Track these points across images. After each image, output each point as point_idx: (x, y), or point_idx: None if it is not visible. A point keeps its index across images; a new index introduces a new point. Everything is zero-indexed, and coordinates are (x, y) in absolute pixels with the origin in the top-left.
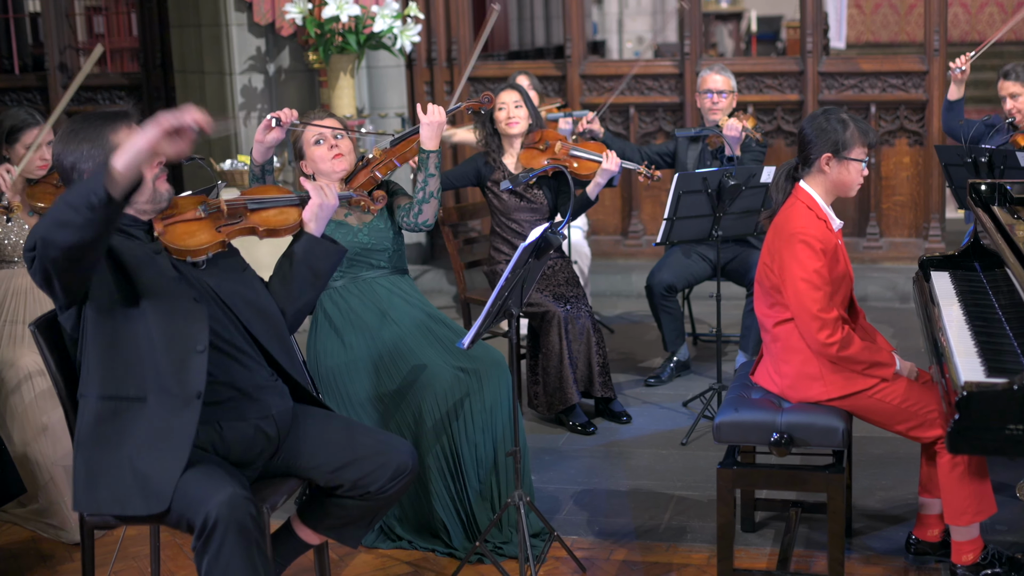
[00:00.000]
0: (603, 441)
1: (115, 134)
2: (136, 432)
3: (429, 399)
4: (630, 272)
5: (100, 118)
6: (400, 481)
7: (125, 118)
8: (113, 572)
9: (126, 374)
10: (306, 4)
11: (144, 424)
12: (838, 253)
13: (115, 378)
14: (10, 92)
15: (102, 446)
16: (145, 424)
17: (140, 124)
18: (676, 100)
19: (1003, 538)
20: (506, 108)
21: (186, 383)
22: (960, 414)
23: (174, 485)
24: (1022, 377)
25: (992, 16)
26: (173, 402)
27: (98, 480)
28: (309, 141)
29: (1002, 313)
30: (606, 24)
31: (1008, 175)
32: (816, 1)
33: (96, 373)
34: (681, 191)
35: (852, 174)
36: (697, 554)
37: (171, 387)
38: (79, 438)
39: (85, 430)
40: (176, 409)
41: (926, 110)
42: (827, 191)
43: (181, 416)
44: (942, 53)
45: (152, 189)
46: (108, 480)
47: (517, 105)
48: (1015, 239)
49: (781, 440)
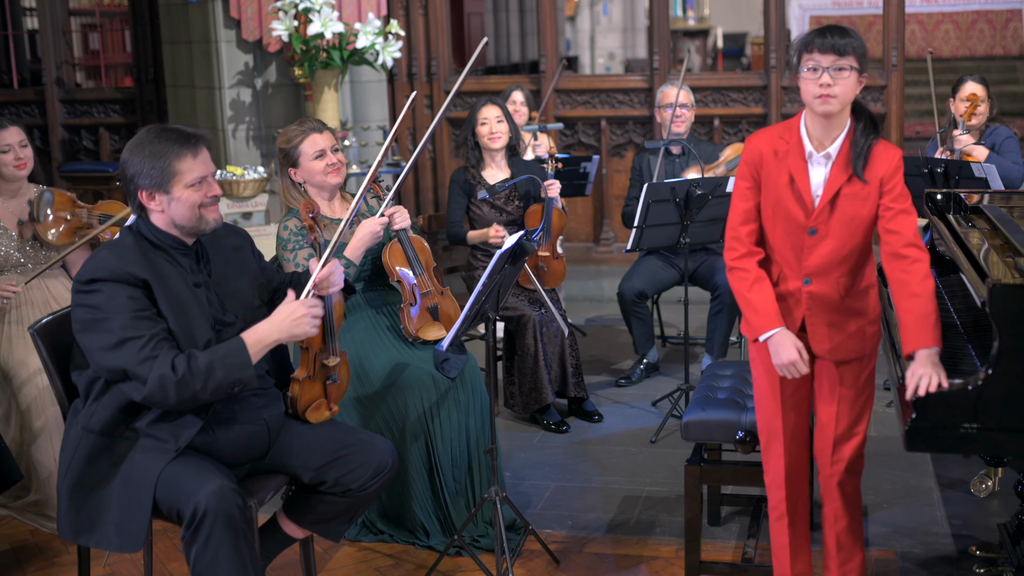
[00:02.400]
0: (576, 439)
1: (180, 161)
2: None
3: (407, 400)
4: (602, 278)
5: (173, 137)
6: (380, 478)
7: (194, 144)
8: (108, 564)
9: (135, 418)
10: (292, 21)
11: (127, 464)
12: (783, 177)
13: (121, 420)
14: (9, 105)
15: (87, 485)
16: (128, 463)
17: (201, 148)
18: (646, 113)
19: (958, 532)
20: (488, 123)
21: (179, 437)
22: (917, 413)
23: (146, 527)
24: (976, 378)
25: (947, 33)
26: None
27: (79, 514)
28: (308, 153)
29: (957, 317)
30: (579, 40)
31: (962, 185)
32: (779, 19)
33: (107, 411)
34: (650, 200)
35: (805, 85)
36: (665, 547)
37: (163, 434)
38: (70, 469)
39: (77, 464)
40: (158, 455)
41: (885, 122)
42: (809, 114)
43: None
44: (900, 68)
45: (197, 216)
46: (88, 514)
47: (499, 120)
48: (969, 246)
49: (746, 438)
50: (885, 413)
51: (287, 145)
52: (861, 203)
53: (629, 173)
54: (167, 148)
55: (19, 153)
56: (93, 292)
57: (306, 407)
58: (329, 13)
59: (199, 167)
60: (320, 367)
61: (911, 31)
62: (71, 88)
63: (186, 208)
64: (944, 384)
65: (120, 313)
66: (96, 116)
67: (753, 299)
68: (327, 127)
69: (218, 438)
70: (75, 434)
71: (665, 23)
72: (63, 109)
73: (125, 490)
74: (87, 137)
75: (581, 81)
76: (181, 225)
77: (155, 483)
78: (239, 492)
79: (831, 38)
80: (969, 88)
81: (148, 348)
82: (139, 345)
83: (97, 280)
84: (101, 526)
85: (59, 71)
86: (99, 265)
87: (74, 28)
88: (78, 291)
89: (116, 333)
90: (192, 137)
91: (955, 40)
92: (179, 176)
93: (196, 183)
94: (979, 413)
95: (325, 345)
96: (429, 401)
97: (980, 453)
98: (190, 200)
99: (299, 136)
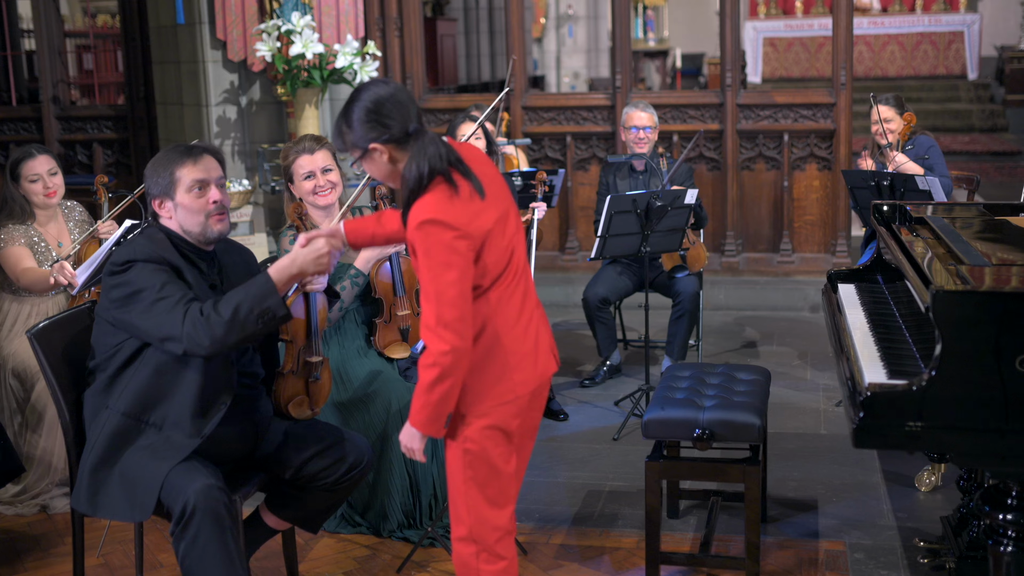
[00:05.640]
0: (543, 437)
1: (181, 168)
2: (136, 448)
3: (382, 403)
4: (567, 284)
5: (180, 149)
6: (357, 473)
7: (196, 153)
8: (101, 555)
9: (157, 403)
10: (275, 43)
11: (146, 443)
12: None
13: (145, 403)
14: (8, 122)
15: (109, 460)
16: (147, 443)
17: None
18: (608, 129)
19: (903, 524)
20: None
21: (200, 426)
22: (864, 412)
23: (156, 497)
24: (920, 379)
25: (893, 53)
26: (181, 436)
27: (99, 490)
28: (299, 174)
29: (902, 321)
30: (545, 61)
31: (907, 197)
32: (734, 40)
33: (131, 392)
34: (613, 211)
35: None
36: (627, 539)
37: (186, 426)
38: (95, 447)
39: (102, 440)
40: (180, 441)
41: (834, 138)
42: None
43: (181, 446)
44: (848, 87)
45: (202, 223)
46: (106, 490)
47: (477, 137)
48: (913, 254)
49: (703, 435)
50: (834, 412)
51: (284, 163)
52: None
53: (594, 186)
54: (172, 158)
55: (48, 182)
56: (127, 271)
57: (288, 400)
58: (310, 35)
59: (198, 171)
60: (303, 364)
61: (859, 52)
62: (66, 105)
63: (191, 214)
64: None
65: (153, 283)
66: (90, 132)
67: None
68: (325, 144)
69: (211, 436)
70: (102, 416)
71: (627, 44)
72: (59, 125)
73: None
74: (82, 152)
75: (548, 99)
76: (188, 231)
77: (181, 459)
78: (225, 490)
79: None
80: (878, 112)
81: (180, 305)
82: (171, 303)
83: (132, 261)
84: (115, 499)
85: (55, 89)
86: (135, 249)
87: (69, 49)
88: (111, 272)
89: (150, 296)
90: (196, 148)
91: (900, 60)
92: (180, 182)
93: (195, 187)
94: (923, 412)
95: (308, 342)
96: (401, 402)
97: (924, 450)
98: (193, 206)
99: (293, 155)
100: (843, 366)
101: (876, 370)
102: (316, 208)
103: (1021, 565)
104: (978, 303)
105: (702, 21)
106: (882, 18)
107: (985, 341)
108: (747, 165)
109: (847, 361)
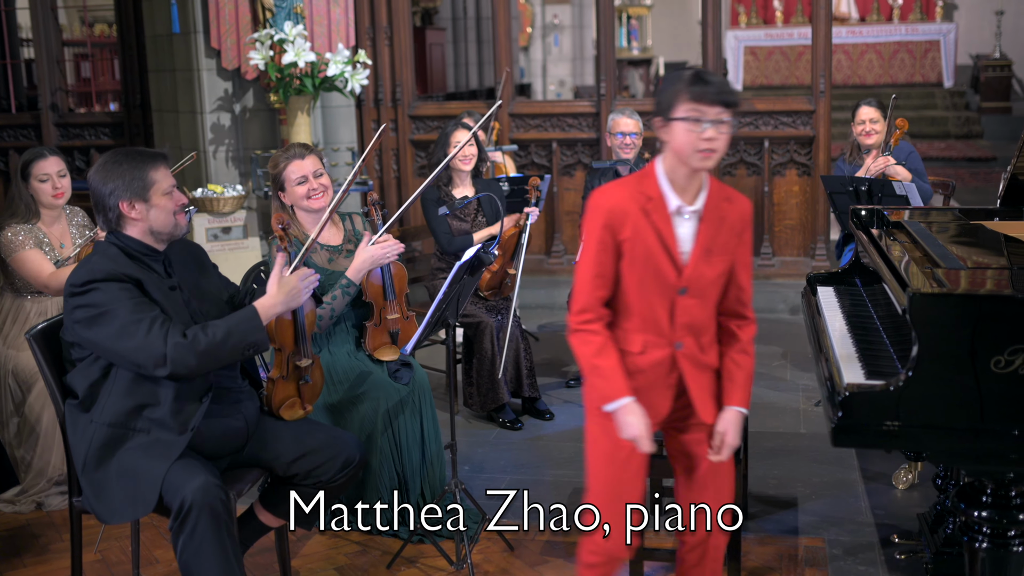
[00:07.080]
0: (529, 436)
1: (155, 172)
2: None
3: (372, 403)
4: (553, 287)
5: (145, 155)
6: (349, 471)
7: (163, 159)
8: (99, 551)
9: (140, 410)
10: (268, 52)
11: (136, 445)
12: (644, 232)
13: (128, 411)
14: (7, 129)
15: (103, 467)
16: (137, 445)
17: (164, 160)
18: (593, 136)
19: (881, 521)
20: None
21: (186, 422)
22: (843, 412)
23: (158, 490)
24: (897, 380)
25: (871, 62)
26: (169, 435)
27: (101, 495)
28: (292, 179)
29: (880, 323)
30: (532, 69)
31: (885, 202)
32: (716, 49)
33: (113, 404)
34: None
35: (679, 135)
36: None
37: (172, 424)
38: (87, 460)
39: (92, 454)
40: (170, 439)
41: (813, 144)
42: (671, 163)
43: (173, 443)
44: (827, 94)
45: (173, 222)
46: (107, 494)
47: (471, 144)
48: (891, 258)
49: None
50: (813, 411)
51: (274, 170)
52: (728, 257)
53: (579, 191)
54: (142, 162)
55: (57, 183)
56: (90, 291)
57: (280, 404)
58: (302, 44)
59: (169, 175)
60: (293, 368)
61: (838, 60)
62: (64, 113)
63: (165, 214)
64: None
65: (121, 304)
66: (88, 139)
67: (602, 365)
68: (313, 151)
69: (201, 432)
70: (88, 429)
71: (611, 53)
72: (57, 132)
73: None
74: (79, 158)
75: (534, 106)
76: (158, 231)
77: (178, 454)
78: (222, 487)
79: (719, 88)
80: (864, 113)
81: (156, 325)
82: (147, 325)
83: (93, 281)
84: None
85: (53, 97)
86: (93, 268)
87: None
88: (73, 294)
89: (122, 318)
90: (159, 154)
91: (878, 68)
92: (156, 185)
93: (170, 191)
94: (900, 412)
95: (297, 347)
96: (390, 403)
97: (901, 449)
98: (168, 206)
99: (284, 162)
100: (822, 367)
101: (854, 371)
102: (308, 212)
103: (996, 561)
104: (954, 305)
105: (684, 30)
106: (860, 27)
107: (961, 342)
108: (728, 171)
109: (826, 362)
